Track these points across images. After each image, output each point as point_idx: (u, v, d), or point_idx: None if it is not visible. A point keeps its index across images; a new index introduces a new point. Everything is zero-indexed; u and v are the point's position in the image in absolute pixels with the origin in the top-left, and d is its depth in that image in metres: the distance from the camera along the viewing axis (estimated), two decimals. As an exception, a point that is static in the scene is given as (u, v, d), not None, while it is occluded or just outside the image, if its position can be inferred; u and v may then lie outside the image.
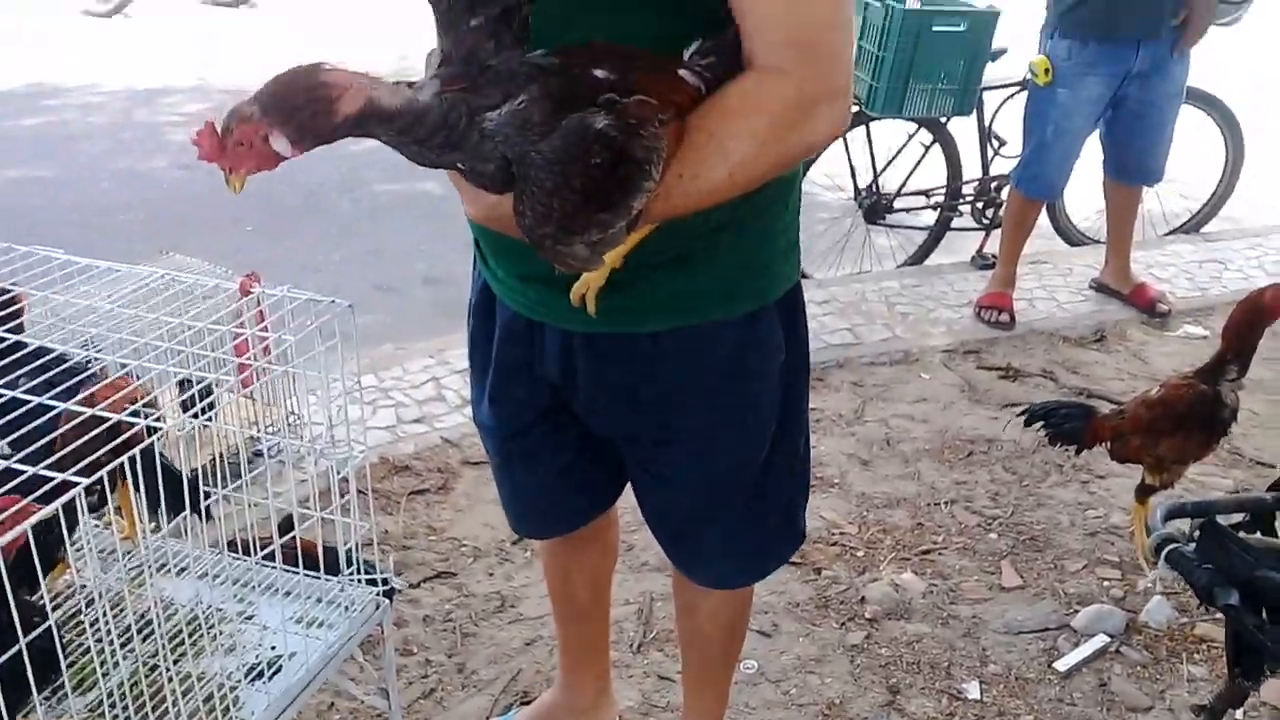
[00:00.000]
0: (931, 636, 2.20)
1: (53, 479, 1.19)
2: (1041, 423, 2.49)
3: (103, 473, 1.23)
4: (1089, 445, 2.44)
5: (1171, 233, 4.29)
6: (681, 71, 1.07)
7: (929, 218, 4.01)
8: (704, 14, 1.09)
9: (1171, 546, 1.32)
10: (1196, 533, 1.33)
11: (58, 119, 5.89)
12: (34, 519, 1.17)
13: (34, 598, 1.29)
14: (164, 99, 6.26)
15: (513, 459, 1.53)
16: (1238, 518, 1.51)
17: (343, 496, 1.61)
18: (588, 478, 1.55)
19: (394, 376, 3.10)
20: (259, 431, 2.21)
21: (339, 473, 1.68)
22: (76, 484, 1.18)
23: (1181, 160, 3.97)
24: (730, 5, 1.08)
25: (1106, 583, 2.36)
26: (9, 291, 1.70)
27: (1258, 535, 1.43)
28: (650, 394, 1.35)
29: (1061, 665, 2.12)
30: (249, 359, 1.60)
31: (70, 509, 1.18)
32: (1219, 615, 1.57)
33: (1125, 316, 3.54)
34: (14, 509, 1.19)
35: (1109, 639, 2.18)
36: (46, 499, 1.18)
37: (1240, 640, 1.32)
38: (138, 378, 1.48)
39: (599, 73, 1.00)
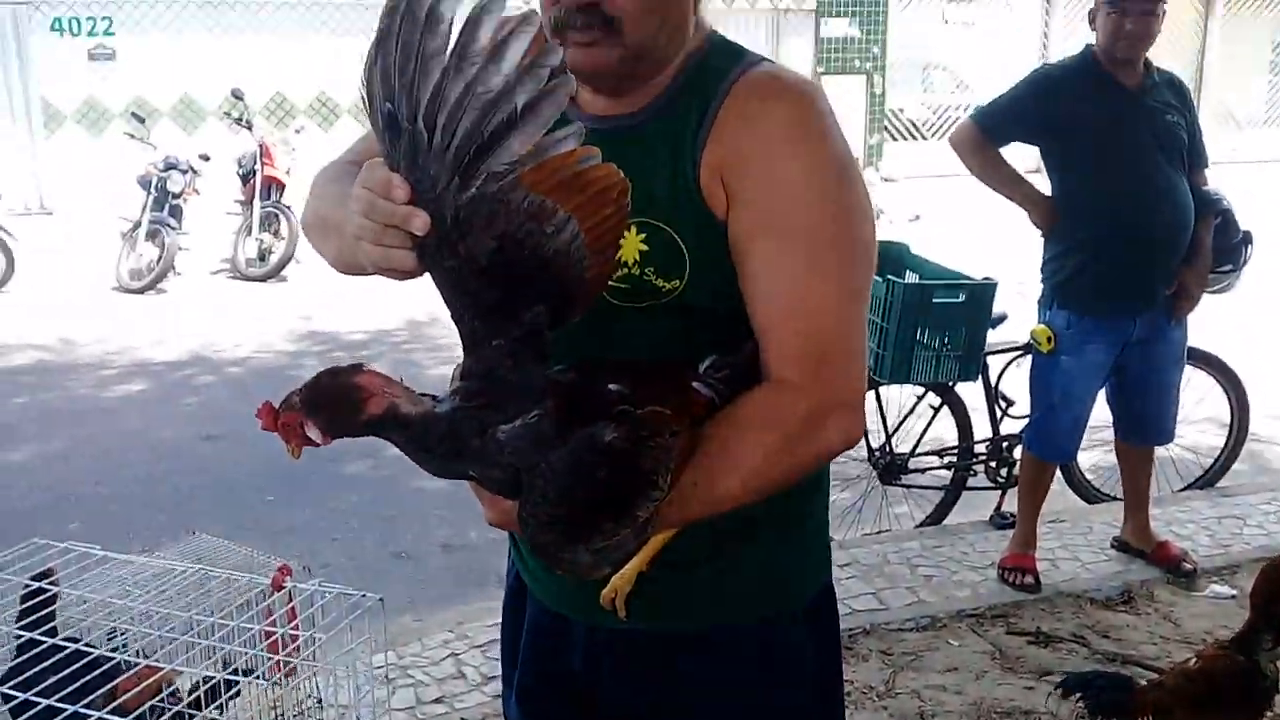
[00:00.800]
0: None
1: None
2: (1079, 694, 2.43)
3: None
4: (1130, 719, 2.37)
5: (1187, 488, 4.31)
6: (695, 384, 1.13)
7: (944, 477, 4.04)
8: (723, 331, 1.17)
9: None
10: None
11: (77, 393, 6.05)
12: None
13: None
14: (184, 371, 6.45)
15: None
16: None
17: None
18: None
19: (413, 653, 3.05)
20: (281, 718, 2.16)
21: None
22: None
23: (1190, 417, 4.06)
24: (750, 318, 1.15)
25: None
26: (44, 590, 1.72)
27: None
28: (673, 695, 1.33)
29: None
30: (281, 657, 1.60)
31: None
32: None
33: (1150, 576, 3.51)
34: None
35: None
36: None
37: None
38: (170, 681, 1.48)
39: (613, 386, 1.06)
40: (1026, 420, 3.65)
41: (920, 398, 3.98)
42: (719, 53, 1.22)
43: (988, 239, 7.62)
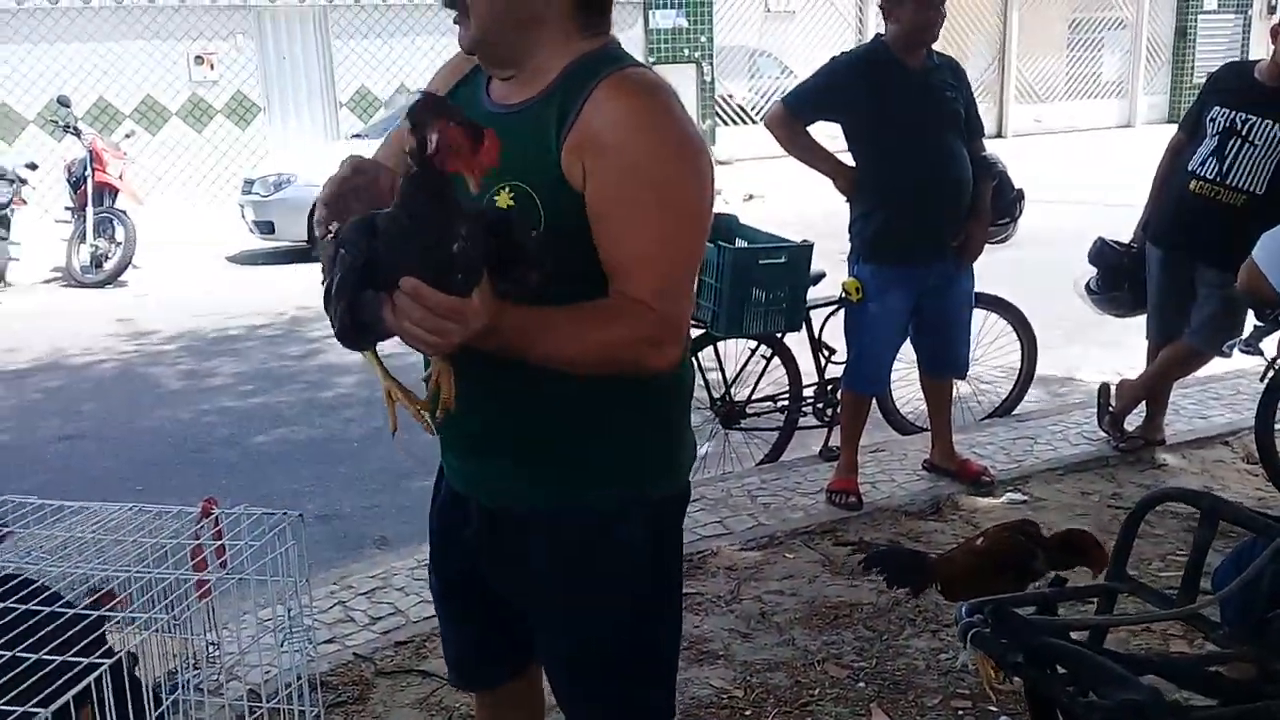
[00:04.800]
0: (818, 775, 2.47)
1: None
2: (880, 568, 2.85)
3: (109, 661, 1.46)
4: (924, 588, 2.81)
5: (987, 418, 4.88)
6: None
7: (778, 419, 4.48)
8: (565, 281, 1.43)
9: (974, 630, 1.68)
10: (991, 618, 1.69)
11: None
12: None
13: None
14: (30, 378, 6.37)
15: (447, 616, 1.82)
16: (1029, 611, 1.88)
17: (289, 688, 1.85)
18: (506, 637, 1.82)
19: (302, 604, 3.28)
20: (214, 636, 2.42)
21: (301, 655, 1.94)
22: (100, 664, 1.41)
23: (987, 356, 4.61)
24: (605, 263, 1.45)
25: (960, 711, 2.69)
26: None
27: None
28: (523, 568, 1.63)
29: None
30: (209, 574, 1.88)
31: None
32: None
33: (955, 490, 4.02)
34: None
35: (968, 757, 2.49)
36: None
37: (1034, 695, 1.66)
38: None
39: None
40: (844, 365, 4.10)
41: (754, 350, 4.41)
42: (603, 59, 1.51)
43: (814, 212, 8.16)
